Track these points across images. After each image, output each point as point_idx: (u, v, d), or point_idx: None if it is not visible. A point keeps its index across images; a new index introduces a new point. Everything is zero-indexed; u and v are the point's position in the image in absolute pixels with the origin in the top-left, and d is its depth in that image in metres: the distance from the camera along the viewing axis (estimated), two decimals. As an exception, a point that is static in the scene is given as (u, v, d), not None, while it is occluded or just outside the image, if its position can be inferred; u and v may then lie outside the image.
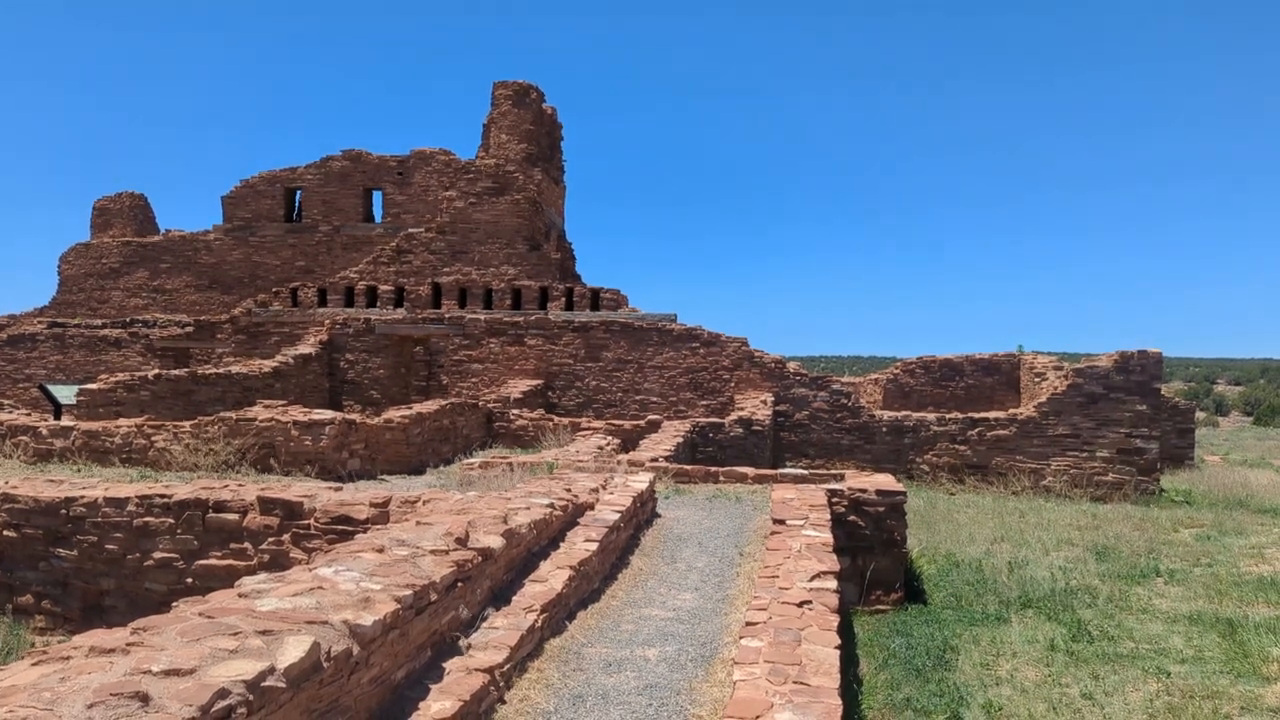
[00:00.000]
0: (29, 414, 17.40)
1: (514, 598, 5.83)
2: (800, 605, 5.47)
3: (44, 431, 15.21)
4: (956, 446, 19.55)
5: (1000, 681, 7.06)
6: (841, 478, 10.67)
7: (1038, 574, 10.18)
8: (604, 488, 9.25)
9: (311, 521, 8.52)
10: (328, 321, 24.01)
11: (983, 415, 20.04)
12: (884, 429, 20.24)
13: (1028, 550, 11.65)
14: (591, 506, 8.37)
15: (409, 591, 4.56)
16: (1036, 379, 22.91)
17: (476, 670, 4.68)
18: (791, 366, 21.82)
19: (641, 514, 9.01)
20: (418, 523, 6.33)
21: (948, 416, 20.07)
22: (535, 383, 22.46)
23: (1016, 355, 26.16)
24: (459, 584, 5.25)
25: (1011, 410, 20.83)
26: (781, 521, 7.86)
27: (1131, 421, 18.83)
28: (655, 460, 12.44)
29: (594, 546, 6.99)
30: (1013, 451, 19.28)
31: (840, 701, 4.13)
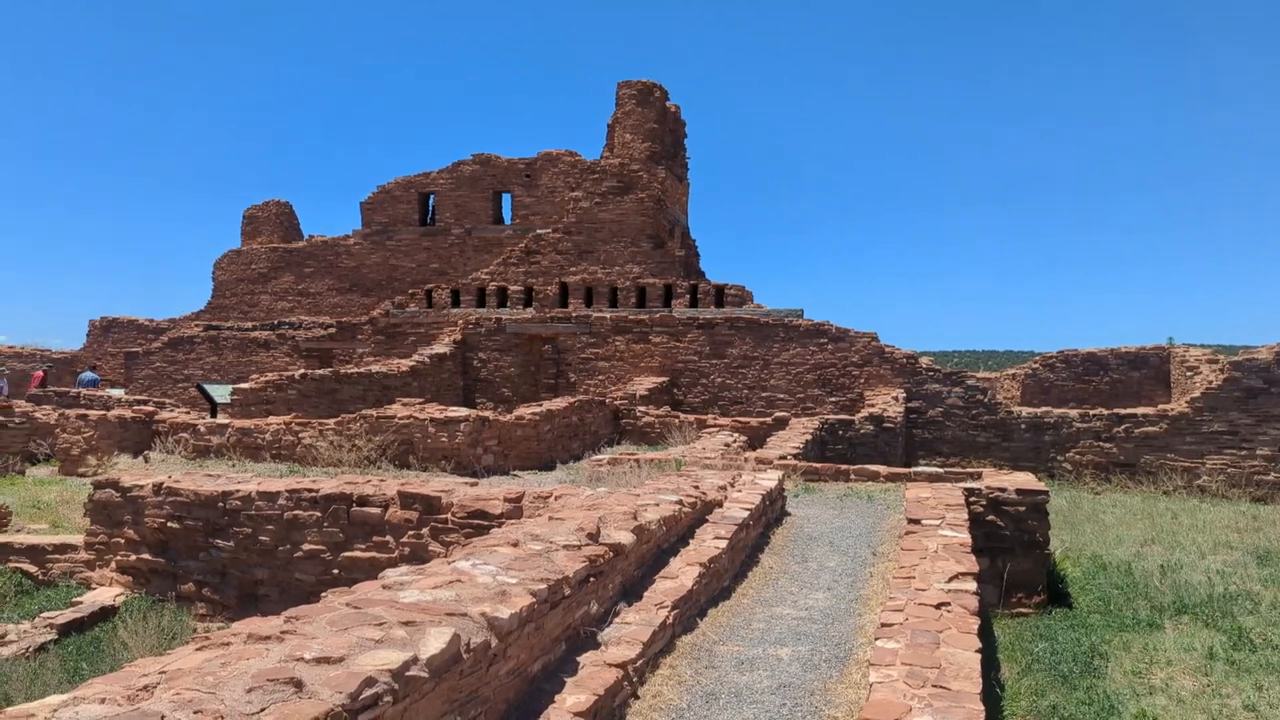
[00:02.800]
0: (188, 412, 18.49)
1: (645, 594, 5.86)
2: (938, 607, 5.33)
3: (202, 429, 16.12)
4: (1101, 444, 18.70)
5: (1154, 691, 6.72)
6: (978, 476, 10.34)
7: (1193, 578, 9.65)
8: (732, 485, 9.21)
9: (449, 516, 8.77)
10: (461, 321, 24.67)
11: (1130, 411, 19.12)
12: (1023, 426, 19.53)
13: (1181, 553, 11.06)
14: (720, 504, 8.35)
15: (544, 586, 4.63)
16: (1189, 373, 21.73)
17: (610, 665, 4.72)
18: (924, 362, 21.29)
19: (770, 512, 8.94)
20: (550, 518, 6.43)
21: (1092, 413, 19.23)
22: (660, 380, 22.56)
23: (1166, 348, 24.87)
24: (591, 579, 5.31)
25: (1162, 406, 19.81)
26: (916, 521, 7.68)
27: (1296, 417, 17.65)
28: (783, 458, 12.32)
29: (723, 544, 6.97)
30: (1163, 449, 18.33)
31: (982, 706, 4.00)
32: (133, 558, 9.97)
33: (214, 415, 19.04)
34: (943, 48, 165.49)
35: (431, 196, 29.67)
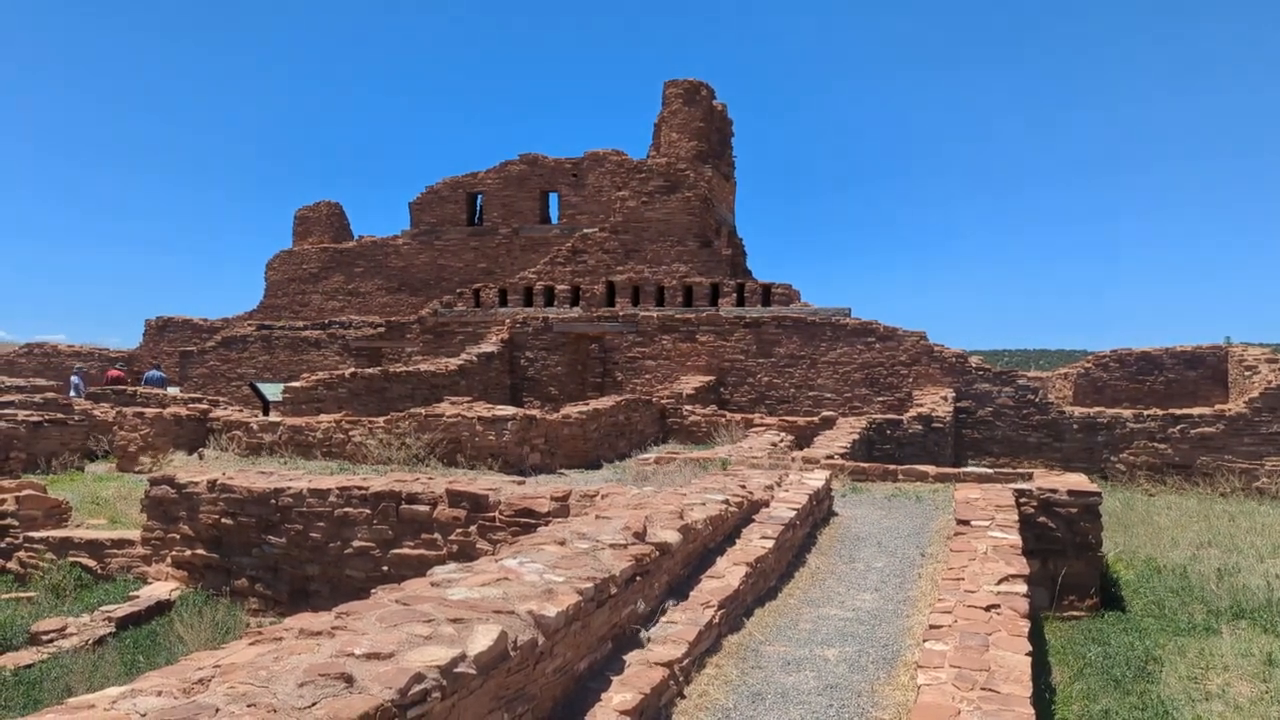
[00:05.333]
0: (241, 410, 18.81)
1: (691, 593, 5.86)
2: (987, 609, 5.27)
3: (255, 427, 16.40)
4: (1156, 445, 18.34)
5: (1210, 697, 6.58)
6: (1029, 477, 10.20)
7: (1251, 582, 9.42)
8: (779, 485, 9.18)
9: (496, 514, 8.84)
10: (508, 320, 24.83)
11: (1185, 411, 18.74)
12: (1075, 426, 19.22)
13: (1239, 556, 10.80)
14: (766, 504, 8.32)
15: (590, 584, 4.65)
16: (1247, 373, 21.23)
17: (656, 664, 4.73)
18: (973, 361, 21.03)
19: (818, 512, 8.89)
20: (596, 517, 6.45)
21: (1146, 413, 18.87)
22: (707, 379, 22.52)
23: (1223, 347, 24.32)
24: (637, 578, 5.32)
25: (1219, 406, 19.39)
26: (966, 522, 7.59)
27: (1361, 418, 17.17)
28: (830, 457, 12.24)
29: (770, 544, 6.95)
30: (1220, 450, 17.94)
31: (1032, 710, 3.95)
32: (187, 553, 10.18)
33: (266, 413, 19.36)
34: (987, 39, 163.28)
35: (479, 196, 29.89)
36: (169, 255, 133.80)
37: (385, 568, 9.04)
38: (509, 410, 15.25)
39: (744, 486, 8.63)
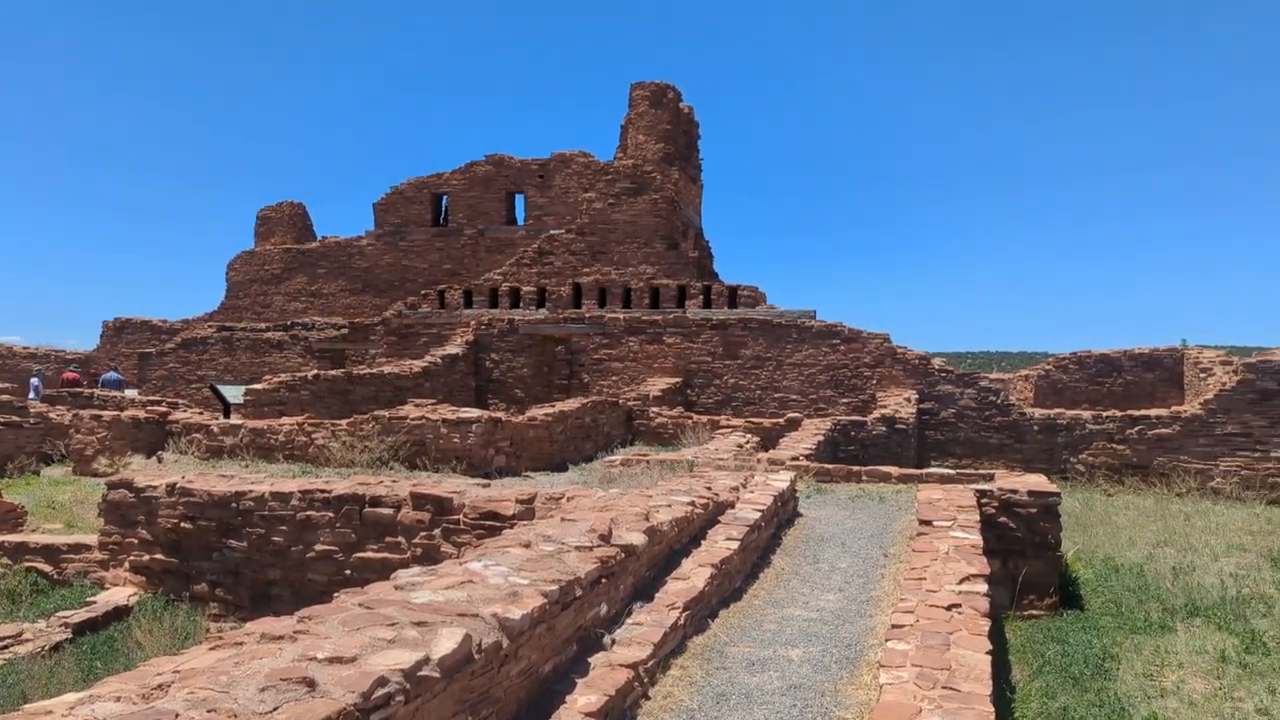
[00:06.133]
0: (201, 413, 18.57)
1: (657, 595, 5.88)
2: (949, 608, 5.32)
3: (215, 430, 16.20)
4: (1114, 446, 18.62)
5: (1166, 693, 6.69)
6: (991, 478, 10.32)
7: (1206, 580, 9.60)
8: (744, 486, 9.22)
9: (461, 517, 8.80)
10: (473, 322, 24.72)
11: (1143, 413, 19.04)
12: (1035, 427, 19.47)
13: (1194, 555, 11.01)
14: (732, 505, 8.36)
15: (555, 587, 4.65)
16: (1202, 375, 21.62)
17: (621, 666, 4.73)
18: (936, 363, 21.24)
19: (783, 513, 8.94)
20: (562, 519, 6.45)
21: (1105, 414, 19.16)
22: (674, 380, 22.56)
23: (1180, 350, 24.74)
24: (603, 580, 5.32)
25: (1175, 408, 19.72)
26: (928, 522, 7.67)
27: (1311, 419, 17.53)
28: (795, 459, 12.32)
29: (735, 545, 6.98)
30: (1176, 451, 18.24)
31: (992, 708, 4.00)
32: (146, 558, 10.04)
33: (227, 416, 19.12)
34: (954, 42, 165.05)
35: (444, 197, 29.73)
36: (128, 255, 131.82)
37: (348, 571, 8.97)
38: (474, 412, 15.19)
39: (710, 488, 8.66)
